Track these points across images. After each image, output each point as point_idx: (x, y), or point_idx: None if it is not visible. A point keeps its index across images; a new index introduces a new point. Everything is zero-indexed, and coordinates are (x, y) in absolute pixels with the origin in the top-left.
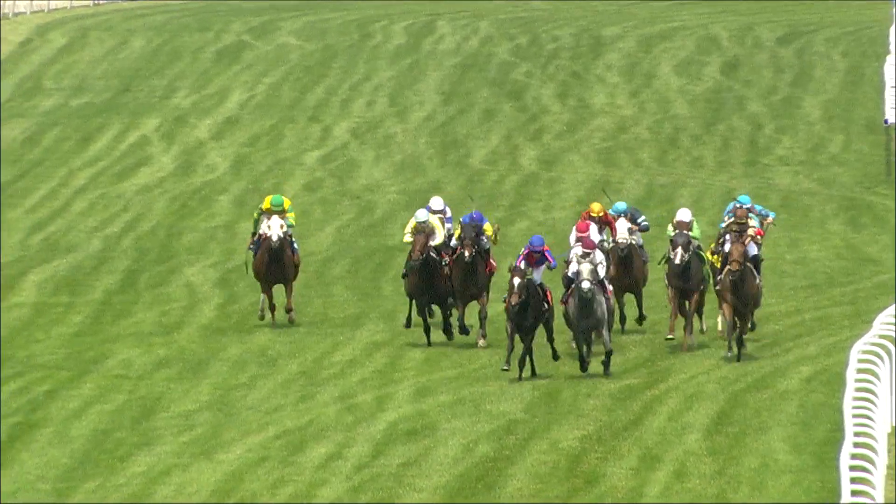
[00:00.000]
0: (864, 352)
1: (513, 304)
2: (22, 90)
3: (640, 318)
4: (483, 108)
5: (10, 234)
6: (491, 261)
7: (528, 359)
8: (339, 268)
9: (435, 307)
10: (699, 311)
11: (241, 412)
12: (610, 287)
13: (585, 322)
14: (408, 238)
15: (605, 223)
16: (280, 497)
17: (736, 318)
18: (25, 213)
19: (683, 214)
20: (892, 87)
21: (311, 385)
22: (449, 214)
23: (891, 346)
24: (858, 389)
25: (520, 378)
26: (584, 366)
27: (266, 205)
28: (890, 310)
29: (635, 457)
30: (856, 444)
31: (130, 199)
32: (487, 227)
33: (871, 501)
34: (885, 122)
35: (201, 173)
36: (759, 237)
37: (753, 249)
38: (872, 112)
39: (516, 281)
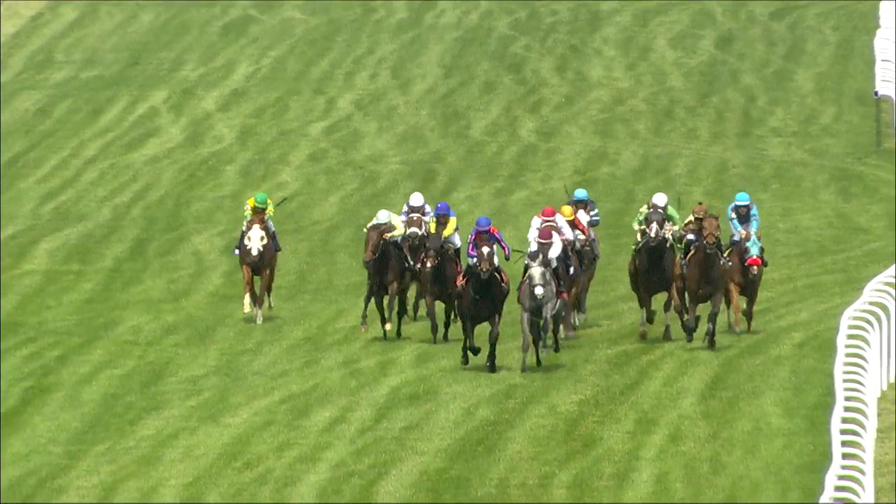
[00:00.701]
0: (855, 318)
1: (484, 270)
2: (34, 63)
3: (580, 313)
4: (483, 80)
5: (22, 204)
6: (460, 262)
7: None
8: (342, 236)
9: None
10: (668, 304)
11: (248, 377)
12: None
13: (532, 302)
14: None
15: (575, 228)
16: (285, 459)
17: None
18: (37, 182)
19: (659, 199)
20: (883, 60)
21: (316, 351)
22: (428, 210)
23: (881, 312)
24: (849, 355)
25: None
26: (525, 345)
27: (251, 203)
28: (880, 277)
29: (631, 420)
30: (846, 408)
31: (139, 170)
32: (452, 222)
33: (862, 464)
34: (875, 94)
35: (209, 144)
36: (755, 267)
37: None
38: (863, 84)
39: (485, 249)
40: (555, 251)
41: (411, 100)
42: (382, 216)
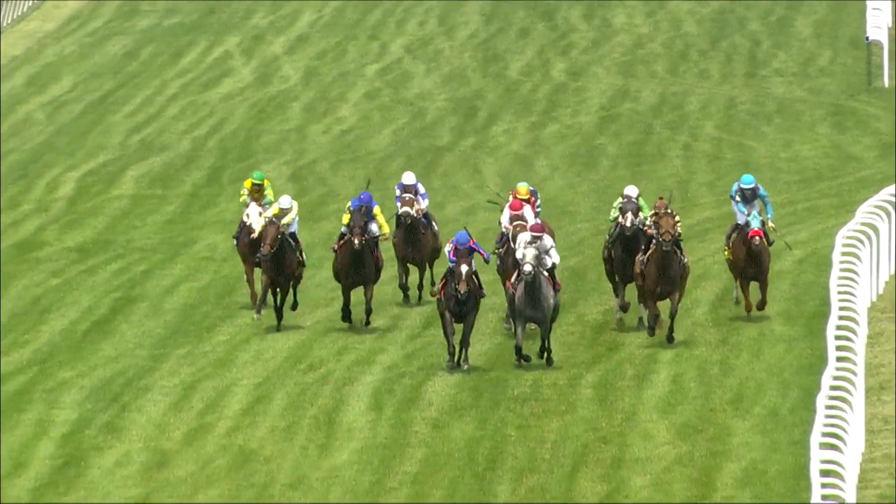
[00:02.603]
0: (848, 237)
1: (461, 291)
2: (122, 12)
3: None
4: (519, 27)
5: (112, 136)
6: (379, 252)
7: (464, 350)
8: (394, 165)
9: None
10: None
11: (311, 289)
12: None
13: (531, 312)
14: (259, 230)
15: (528, 203)
16: (344, 362)
17: (661, 302)
18: (125, 117)
19: (631, 190)
20: (874, 8)
21: None
22: (422, 191)
23: (871, 232)
24: (843, 270)
25: (456, 365)
26: (519, 353)
27: (248, 183)
28: (871, 200)
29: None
30: (841, 317)
31: (215, 106)
32: (378, 211)
33: (854, 366)
34: (867, 38)
35: (276, 83)
36: (758, 237)
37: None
38: (856, 30)
39: (464, 269)
40: (555, 257)
41: (455, 44)
42: (284, 202)
